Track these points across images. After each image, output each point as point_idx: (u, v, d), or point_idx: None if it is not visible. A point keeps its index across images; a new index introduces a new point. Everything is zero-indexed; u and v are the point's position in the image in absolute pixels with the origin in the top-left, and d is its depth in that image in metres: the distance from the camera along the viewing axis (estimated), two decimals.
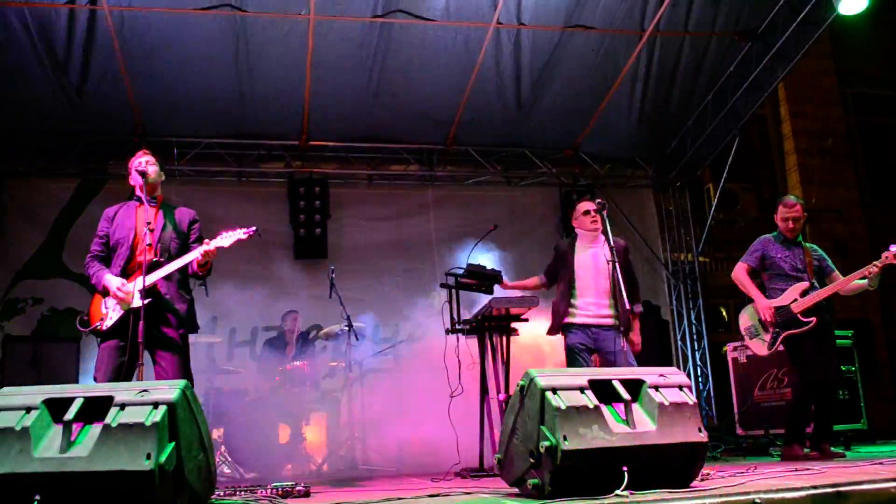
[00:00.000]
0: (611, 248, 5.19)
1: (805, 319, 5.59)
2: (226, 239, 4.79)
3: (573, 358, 5.46)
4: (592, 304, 5.47)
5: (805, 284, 5.69)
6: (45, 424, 2.96)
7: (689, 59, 8.93)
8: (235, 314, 8.85)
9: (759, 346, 5.87)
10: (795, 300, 5.66)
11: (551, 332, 5.66)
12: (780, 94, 12.22)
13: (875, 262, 5.46)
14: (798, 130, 12.22)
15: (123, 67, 7.90)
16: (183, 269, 4.72)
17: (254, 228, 4.91)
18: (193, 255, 4.66)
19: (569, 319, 5.52)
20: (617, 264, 5.12)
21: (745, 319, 6.00)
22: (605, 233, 5.36)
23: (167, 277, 4.66)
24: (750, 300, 5.94)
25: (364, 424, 7.62)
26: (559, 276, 5.72)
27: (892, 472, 3.46)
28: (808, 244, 5.98)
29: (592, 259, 5.56)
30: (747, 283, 5.95)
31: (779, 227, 5.93)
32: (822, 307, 5.68)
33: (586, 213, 5.65)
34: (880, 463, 4.23)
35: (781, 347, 5.75)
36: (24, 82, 7.97)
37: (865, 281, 5.54)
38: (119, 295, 4.53)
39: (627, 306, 5.04)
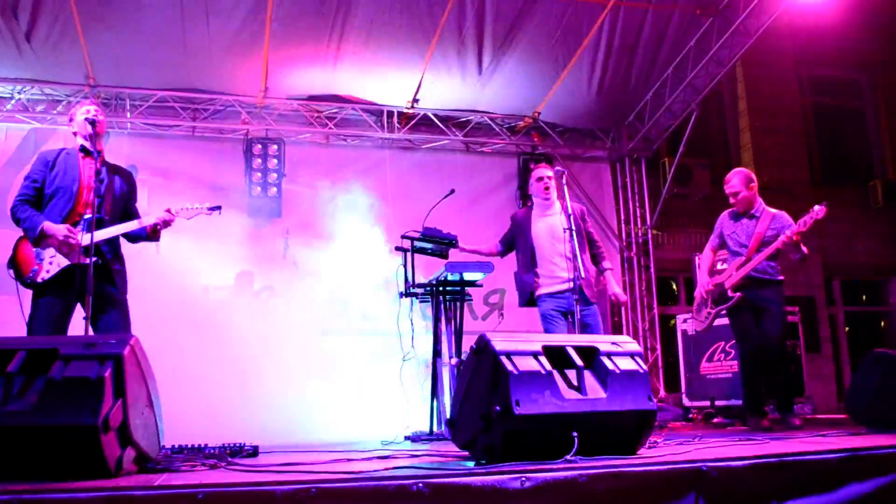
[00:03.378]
0: (568, 216, 5.23)
1: (731, 294, 5.69)
2: (188, 212, 4.77)
3: (548, 323, 5.56)
4: (555, 270, 5.52)
5: (741, 259, 5.76)
6: None
7: (651, 32, 8.94)
8: (186, 272, 8.71)
9: (698, 323, 6.03)
10: (731, 275, 5.76)
11: (522, 304, 5.72)
12: (737, 72, 12.33)
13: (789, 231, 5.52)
14: (753, 108, 12.36)
15: (76, 13, 7.64)
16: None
17: (219, 207, 4.87)
18: (151, 220, 4.58)
19: (538, 291, 5.58)
20: (573, 232, 5.16)
21: (696, 297, 6.15)
22: (562, 198, 5.39)
23: (111, 238, 4.55)
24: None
25: (314, 387, 7.58)
26: (517, 247, 5.76)
27: (832, 443, 3.55)
28: (773, 213, 5.87)
29: (549, 227, 5.60)
30: (702, 262, 6.08)
31: None
32: (758, 280, 5.69)
33: (539, 179, 5.70)
34: (822, 435, 4.34)
35: (717, 322, 5.93)
36: None
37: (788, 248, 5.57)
38: (72, 240, 4.37)
39: (582, 274, 5.09)
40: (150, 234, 4.69)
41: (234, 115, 9.47)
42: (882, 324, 13.29)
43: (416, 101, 9.58)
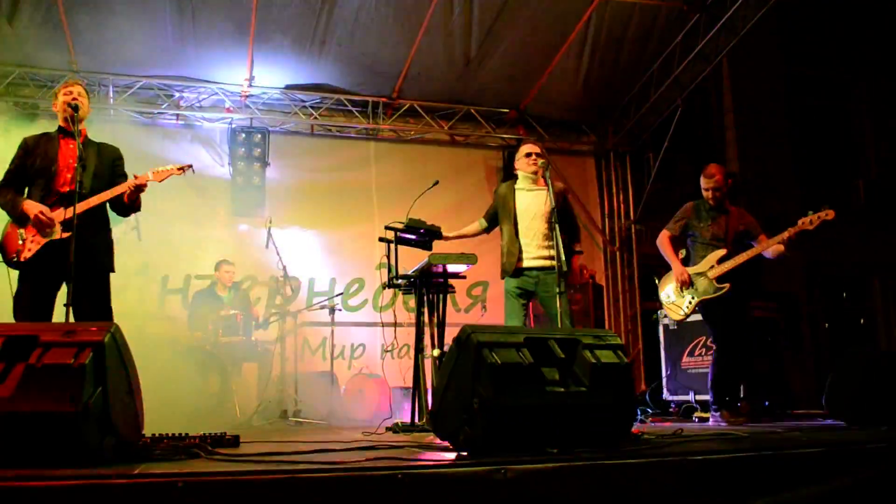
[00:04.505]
0: (555, 195, 5.27)
1: (719, 285, 5.78)
2: (159, 174, 4.71)
3: (509, 301, 5.60)
4: (533, 246, 5.54)
5: (722, 252, 5.87)
6: None
7: (638, 27, 8.94)
8: (168, 260, 8.67)
9: (675, 311, 6.04)
10: (712, 266, 5.84)
11: (503, 275, 5.72)
12: (723, 69, 12.36)
13: (790, 228, 5.67)
14: (738, 105, 12.41)
15: None
16: (102, 205, 4.59)
17: (189, 164, 4.83)
18: (123, 187, 4.53)
19: (517, 264, 5.60)
20: (557, 215, 5.21)
21: (664, 285, 6.18)
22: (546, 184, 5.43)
23: (89, 213, 4.50)
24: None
25: (296, 377, 7.58)
26: (501, 220, 5.76)
27: (812, 438, 3.58)
28: (736, 208, 6.12)
29: (533, 202, 5.62)
30: (667, 250, 6.12)
31: (704, 195, 6.07)
32: (737, 275, 5.82)
33: (528, 154, 5.71)
34: (798, 430, 4.38)
35: (695, 313, 5.98)
36: None
37: (783, 247, 5.72)
38: (42, 218, 4.35)
39: (563, 257, 5.12)
40: (128, 205, 4.65)
41: (218, 103, 9.40)
42: (862, 321, 13.41)
43: (401, 92, 9.56)
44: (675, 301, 6.05)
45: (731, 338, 5.77)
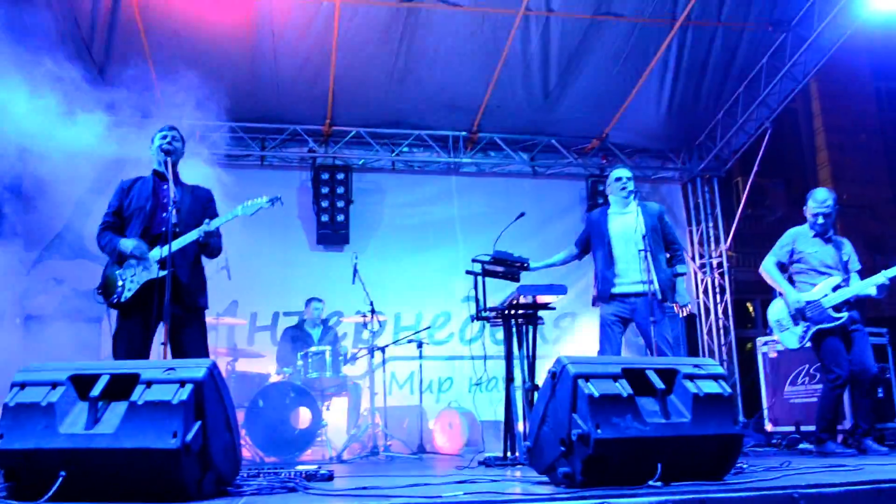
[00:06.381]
0: (650, 216, 5.25)
1: (837, 315, 5.55)
2: (249, 208, 4.81)
3: (604, 329, 5.51)
4: (629, 270, 5.46)
5: (836, 280, 5.66)
6: (70, 400, 2.92)
7: (721, 50, 8.78)
8: (257, 298, 8.86)
9: (790, 339, 5.79)
10: (826, 295, 5.61)
11: (602, 301, 5.64)
12: (812, 88, 12.03)
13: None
14: (830, 125, 12.03)
15: (149, 54, 7.89)
16: (195, 244, 4.68)
17: (278, 196, 4.93)
18: (195, 233, 4.61)
19: (612, 290, 5.52)
20: (650, 232, 5.14)
21: (775, 313, 5.93)
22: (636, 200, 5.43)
23: (183, 253, 4.61)
24: (775, 293, 5.90)
25: (385, 411, 7.58)
26: (594, 246, 5.70)
27: None
28: (837, 238, 5.90)
29: (624, 226, 5.56)
30: (777, 277, 5.89)
31: (808, 221, 5.85)
32: (850, 303, 5.62)
33: (617, 179, 5.70)
34: None
35: (810, 342, 5.71)
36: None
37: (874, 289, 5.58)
38: (136, 254, 4.48)
39: (655, 284, 5.06)
40: (204, 247, 4.75)
41: (301, 143, 9.61)
42: None
43: (480, 125, 9.60)
44: (790, 329, 5.81)
45: (844, 369, 5.51)
